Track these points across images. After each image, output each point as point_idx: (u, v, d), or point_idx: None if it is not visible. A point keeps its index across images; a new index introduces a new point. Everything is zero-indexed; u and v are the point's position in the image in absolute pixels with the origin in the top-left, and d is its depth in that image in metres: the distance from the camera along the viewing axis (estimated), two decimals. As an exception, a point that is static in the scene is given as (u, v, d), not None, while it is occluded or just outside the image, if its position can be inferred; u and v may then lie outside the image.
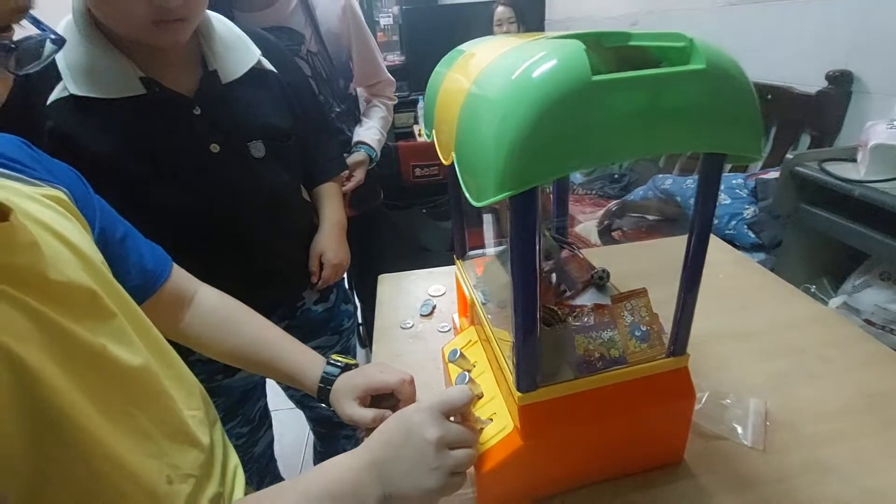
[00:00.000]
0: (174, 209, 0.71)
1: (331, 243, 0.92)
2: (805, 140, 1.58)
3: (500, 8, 2.27)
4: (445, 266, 0.98)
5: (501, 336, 0.52)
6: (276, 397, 1.07)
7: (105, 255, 0.46)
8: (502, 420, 0.49)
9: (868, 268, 1.21)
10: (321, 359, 0.60)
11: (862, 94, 1.40)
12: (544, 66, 0.33)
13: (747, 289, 0.88)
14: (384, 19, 4.06)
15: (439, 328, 0.84)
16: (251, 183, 0.76)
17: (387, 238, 1.69)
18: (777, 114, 1.64)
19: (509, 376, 0.48)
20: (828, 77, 1.44)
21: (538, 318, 0.43)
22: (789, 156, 1.26)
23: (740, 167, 1.67)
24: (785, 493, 0.52)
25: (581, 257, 0.63)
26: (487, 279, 0.64)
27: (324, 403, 0.58)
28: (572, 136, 0.33)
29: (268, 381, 0.96)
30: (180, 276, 0.60)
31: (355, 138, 1.30)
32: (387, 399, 0.56)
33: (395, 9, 3.87)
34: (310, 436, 1.31)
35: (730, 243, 1.14)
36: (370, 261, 1.52)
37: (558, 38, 0.36)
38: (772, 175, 1.41)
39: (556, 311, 0.50)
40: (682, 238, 0.44)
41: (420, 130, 2.68)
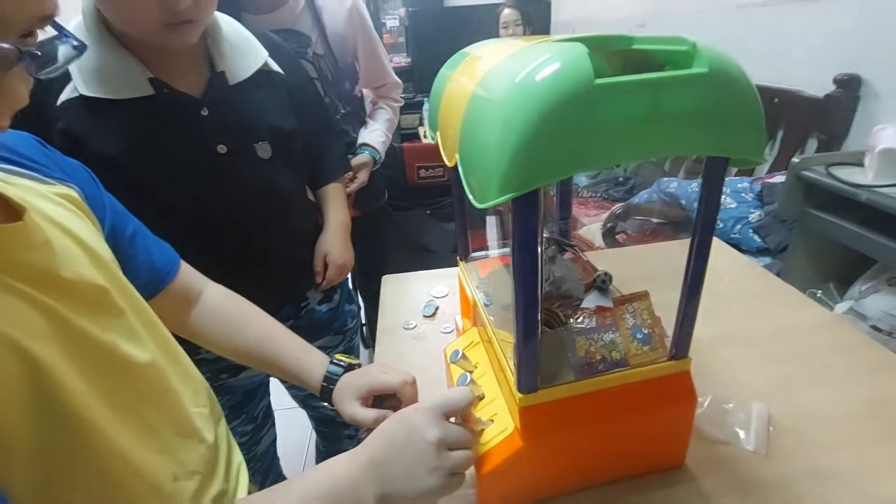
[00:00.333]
0: (181, 209, 0.72)
1: (335, 243, 0.92)
2: (812, 144, 1.57)
3: (506, 10, 2.27)
4: (449, 267, 0.98)
5: (503, 337, 0.53)
6: (280, 397, 1.07)
7: (115, 252, 0.47)
8: (503, 421, 0.49)
9: (875, 273, 1.20)
10: (325, 358, 0.61)
11: (870, 98, 1.39)
12: (547, 70, 0.33)
13: (752, 293, 0.87)
14: (390, 21, 4.08)
15: (442, 329, 0.84)
16: (258, 184, 0.77)
17: (391, 239, 1.69)
18: (784, 117, 1.63)
19: (511, 378, 0.48)
20: (836, 81, 1.43)
21: (539, 319, 0.43)
22: (796, 160, 1.25)
23: (746, 171, 1.66)
24: (787, 499, 0.52)
25: (584, 259, 0.63)
26: (490, 281, 0.64)
27: (326, 403, 0.58)
28: (575, 139, 0.33)
29: (271, 380, 0.97)
30: (188, 273, 0.61)
31: (360, 140, 1.31)
32: (389, 399, 0.56)
33: (401, 11, 3.88)
34: (313, 435, 1.32)
35: (735, 247, 1.13)
36: (374, 261, 1.53)
37: (562, 42, 0.36)
38: (778, 179, 1.40)
39: (558, 313, 0.50)
40: (685, 241, 0.44)
41: (425, 132, 2.69)
